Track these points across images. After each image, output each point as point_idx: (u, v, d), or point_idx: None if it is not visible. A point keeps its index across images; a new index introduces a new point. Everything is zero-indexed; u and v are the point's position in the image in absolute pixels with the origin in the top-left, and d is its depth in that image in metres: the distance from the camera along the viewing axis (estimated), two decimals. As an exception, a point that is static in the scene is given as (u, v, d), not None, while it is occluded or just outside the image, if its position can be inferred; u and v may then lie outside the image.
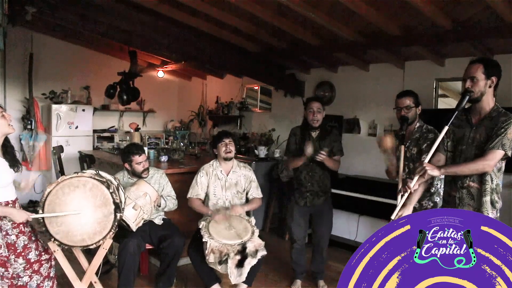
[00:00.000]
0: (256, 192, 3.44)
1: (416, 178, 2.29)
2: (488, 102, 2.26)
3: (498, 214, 2.28)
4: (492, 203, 2.24)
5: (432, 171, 2.25)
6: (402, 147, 2.54)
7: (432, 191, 2.67)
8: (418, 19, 3.47)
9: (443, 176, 2.52)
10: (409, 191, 2.32)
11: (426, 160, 2.29)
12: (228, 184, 3.37)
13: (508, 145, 2.16)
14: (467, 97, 2.24)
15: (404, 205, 2.45)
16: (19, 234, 2.44)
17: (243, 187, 3.42)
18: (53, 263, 2.62)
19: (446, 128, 2.26)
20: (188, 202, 3.34)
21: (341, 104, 5.14)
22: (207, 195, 3.37)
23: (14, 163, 2.47)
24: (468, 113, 2.35)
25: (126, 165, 3.31)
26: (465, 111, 2.36)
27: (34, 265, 2.48)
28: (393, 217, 2.31)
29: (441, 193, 2.68)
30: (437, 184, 2.69)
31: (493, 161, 2.17)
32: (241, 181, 3.41)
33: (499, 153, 2.16)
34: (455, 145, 2.39)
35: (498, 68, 2.26)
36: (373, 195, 4.36)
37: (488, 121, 2.25)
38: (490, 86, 2.23)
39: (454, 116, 2.25)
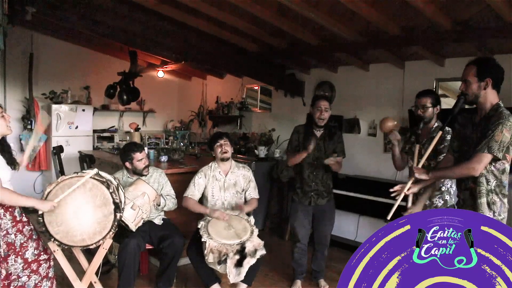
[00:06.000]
0: (254, 193, 3.46)
1: (410, 182, 2.33)
2: (487, 101, 2.19)
3: (501, 216, 2.17)
4: (489, 205, 2.17)
5: (420, 175, 2.26)
6: (417, 146, 2.55)
7: (443, 189, 2.70)
8: (418, 19, 3.47)
9: None
10: (402, 194, 2.33)
11: (419, 165, 2.32)
12: (227, 184, 3.37)
13: (496, 147, 2.06)
14: (462, 101, 2.22)
15: (413, 204, 2.53)
16: (17, 233, 2.43)
17: (242, 187, 3.43)
18: (52, 263, 2.62)
19: (440, 133, 2.27)
20: (183, 201, 3.34)
21: (341, 104, 5.13)
22: (205, 197, 3.38)
23: (11, 161, 2.47)
24: (475, 112, 2.28)
25: (127, 164, 3.30)
26: (471, 110, 2.30)
27: (32, 264, 2.47)
28: (389, 217, 2.31)
29: (452, 192, 2.70)
30: (448, 184, 2.71)
31: (478, 164, 2.09)
32: (240, 181, 3.41)
33: (486, 156, 2.08)
34: (460, 145, 2.35)
35: (494, 68, 2.18)
36: (373, 195, 4.37)
37: (485, 121, 2.18)
38: (485, 88, 2.16)
39: (448, 121, 2.25)
